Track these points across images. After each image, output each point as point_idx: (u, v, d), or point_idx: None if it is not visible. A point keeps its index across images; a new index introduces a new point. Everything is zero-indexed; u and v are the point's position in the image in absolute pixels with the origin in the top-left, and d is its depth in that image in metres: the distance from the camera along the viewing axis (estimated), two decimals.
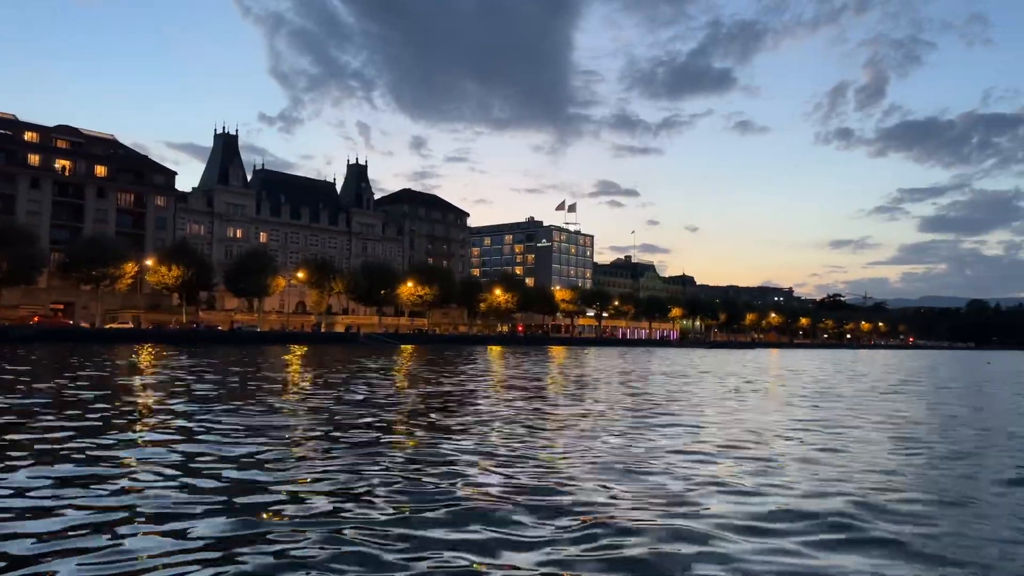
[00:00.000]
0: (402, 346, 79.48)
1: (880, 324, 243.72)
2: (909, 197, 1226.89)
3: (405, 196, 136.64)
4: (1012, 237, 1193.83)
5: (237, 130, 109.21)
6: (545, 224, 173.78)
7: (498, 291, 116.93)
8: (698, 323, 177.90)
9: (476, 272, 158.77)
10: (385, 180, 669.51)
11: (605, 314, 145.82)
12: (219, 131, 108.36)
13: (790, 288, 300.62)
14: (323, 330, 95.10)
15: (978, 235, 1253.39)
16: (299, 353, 54.13)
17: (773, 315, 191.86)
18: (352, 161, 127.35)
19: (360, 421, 15.05)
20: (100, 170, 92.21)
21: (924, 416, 19.23)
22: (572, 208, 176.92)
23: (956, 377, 43.83)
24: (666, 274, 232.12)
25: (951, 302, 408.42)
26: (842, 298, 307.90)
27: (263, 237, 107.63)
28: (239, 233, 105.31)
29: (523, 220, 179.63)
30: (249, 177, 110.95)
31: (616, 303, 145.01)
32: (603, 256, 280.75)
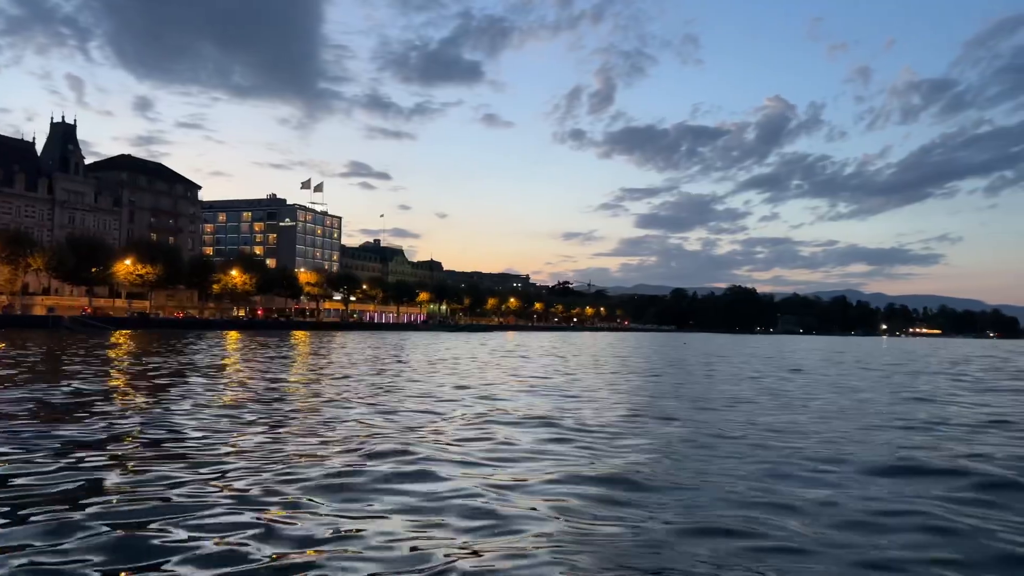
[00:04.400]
0: (116, 331, 71.14)
1: (601, 309, 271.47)
2: (629, 196, 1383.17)
3: (124, 162, 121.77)
4: (708, 235, 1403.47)
5: None
6: (289, 202, 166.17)
7: (235, 272, 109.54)
8: (444, 307, 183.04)
9: (209, 251, 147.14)
10: (101, 143, 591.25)
11: (353, 298, 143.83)
12: None
13: (527, 275, 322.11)
14: (18, 312, 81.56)
15: (682, 232, 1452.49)
16: None
17: (512, 300, 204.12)
18: (58, 119, 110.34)
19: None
20: None
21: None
22: (319, 187, 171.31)
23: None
24: (415, 259, 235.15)
25: (659, 290, 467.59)
26: (571, 285, 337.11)
27: None
28: None
29: (265, 197, 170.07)
30: None
31: (365, 287, 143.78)
32: (353, 239, 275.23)
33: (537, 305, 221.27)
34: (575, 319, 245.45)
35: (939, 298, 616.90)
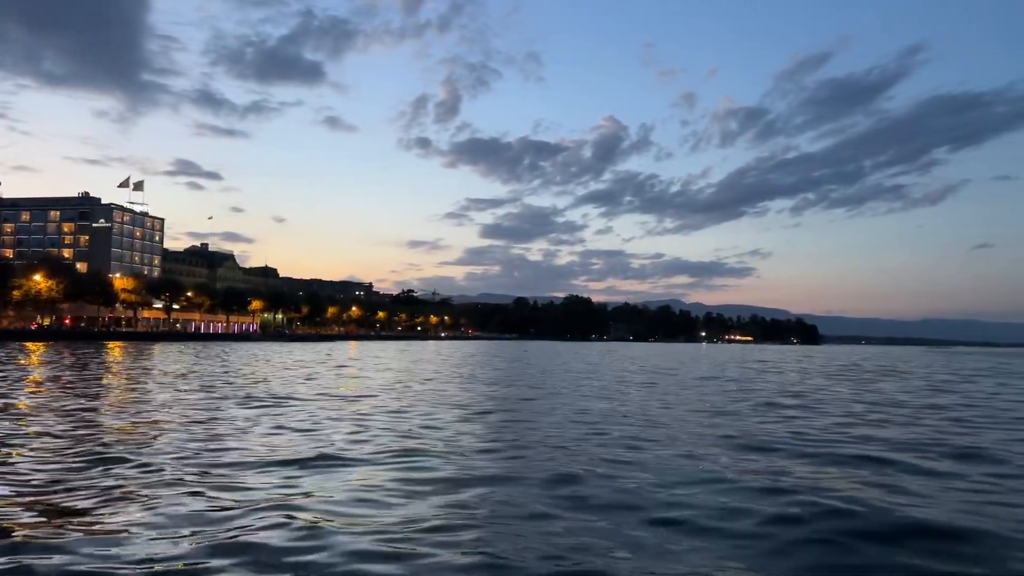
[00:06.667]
0: None
1: (446, 318, 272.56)
2: (474, 206, 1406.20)
3: None
4: (549, 246, 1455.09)
5: None
6: (105, 201, 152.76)
7: (38, 277, 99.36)
8: (280, 316, 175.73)
9: (9, 253, 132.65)
10: None
11: (176, 306, 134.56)
12: None
13: (371, 283, 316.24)
14: None
15: (525, 243, 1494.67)
16: None
17: (354, 309, 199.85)
18: None
19: None
20: None
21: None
22: (139, 186, 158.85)
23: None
24: (249, 264, 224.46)
25: (502, 299, 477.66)
26: (415, 294, 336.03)
27: None
28: None
29: (76, 195, 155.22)
30: None
31: (189, 294, 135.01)
32: (178, 242, 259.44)
33: (380, 314, 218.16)
34: (419, 328, 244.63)
35: (751, 308, 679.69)
